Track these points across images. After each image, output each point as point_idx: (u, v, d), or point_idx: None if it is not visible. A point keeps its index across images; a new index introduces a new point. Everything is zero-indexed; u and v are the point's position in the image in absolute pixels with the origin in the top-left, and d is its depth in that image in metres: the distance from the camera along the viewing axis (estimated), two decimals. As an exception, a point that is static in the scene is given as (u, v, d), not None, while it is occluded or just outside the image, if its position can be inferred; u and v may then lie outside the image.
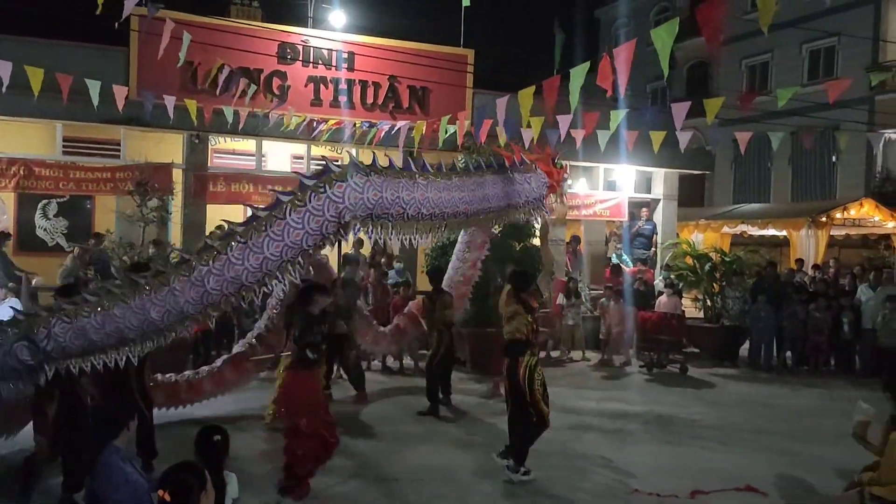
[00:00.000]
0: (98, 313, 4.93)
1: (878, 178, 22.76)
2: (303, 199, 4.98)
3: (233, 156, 15.95)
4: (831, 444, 7.96)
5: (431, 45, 15.88)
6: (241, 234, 4.94)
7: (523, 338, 6.72)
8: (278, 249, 4.88)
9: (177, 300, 4.90)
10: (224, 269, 4.92)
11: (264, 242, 4.89)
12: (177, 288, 4.90)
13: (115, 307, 4.92)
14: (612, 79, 6.73)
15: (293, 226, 4.90)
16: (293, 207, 4.91)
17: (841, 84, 8.53)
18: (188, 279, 4.91)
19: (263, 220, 4.93)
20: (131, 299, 4.91)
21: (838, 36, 23.68)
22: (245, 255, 4.89)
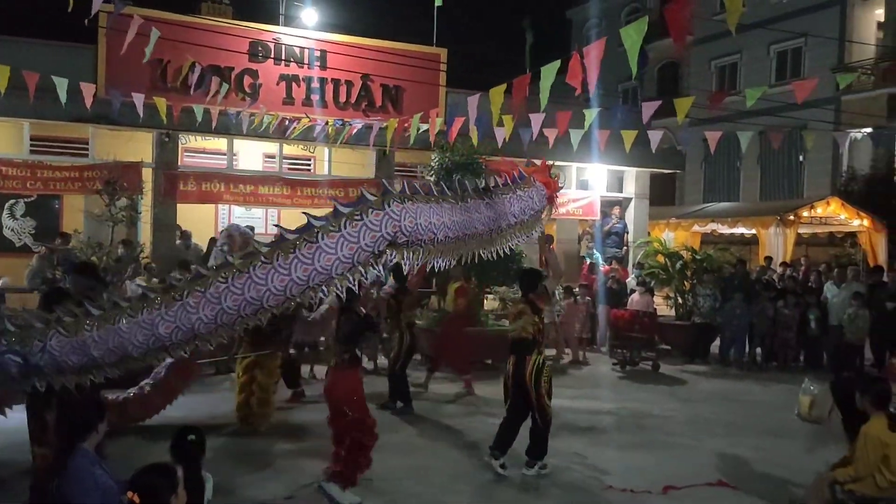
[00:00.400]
0: (101, 327, 4.67)
1: (843, 177, 23.12)
2: (336, 225, 4.76)
3: (203, 154, 15.80)
4: (801, 438, 8.07)
5: (404, 43, 15.87)
6: (267, 254, 4.70)
7: (530, 336, 6.80)
8: (306, 273, 4.67)
9: (189, 317, 4.65)
10: (245, 289, 4.66)
11: (292, 265, 4.66)
12: (190, 304, 4.64)
13: (121, 321, 4.66)
14: (582, 77, 6.76)
15: (325, 251, 4.68)
16: (325, 232, 4.75)
17: (808, 84, 8.64)
18: (203, 295, 4.65)
19: (292, 242, 4.75)
20: (139, 313, 4.66)
21: (805, 37, 24.03)
22: (269, 275, 4.66)
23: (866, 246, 17.90)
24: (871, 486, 5.12)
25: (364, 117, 14.58)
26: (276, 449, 7.43)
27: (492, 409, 9.29)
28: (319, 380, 10.10)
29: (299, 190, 15.20)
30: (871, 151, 22.68)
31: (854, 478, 5.15)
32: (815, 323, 12.85)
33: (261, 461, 7.03)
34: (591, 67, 6.65)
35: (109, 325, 4.66)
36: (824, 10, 24.64)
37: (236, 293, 4.64)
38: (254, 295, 4.66)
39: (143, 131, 13.90)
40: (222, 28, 14.28)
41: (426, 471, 6.91)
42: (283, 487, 6.32)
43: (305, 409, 9.04)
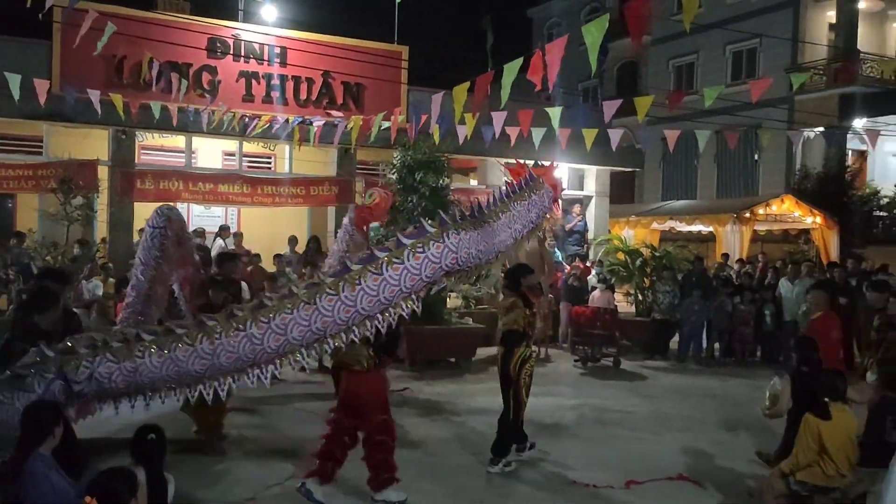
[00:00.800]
0: (155, 355, 4.57)
1: (797, 176, 23.61)
2: (400, 257, 4.81)
3: (161, 152, 15.59)
4: (758, 432, 8.23)
5: (365, 40, 15.80)
6: (331, 285, 4.72)
7: (520, 329, 6.96)
8: (370, 304, 4.73)
9: (254, 347, 4.64)
10: (311, 320, 4.67)
11: (358, 297, 4.70)
12: (256, 334, 4.62)
13: (176, 349, 4.58)
14: (542, 74, 6.82)
15: (390, 282, 4.73)
16: (390, 264, 4.77)
17: (763, 84, 8.83)
18: (269, 325, 4.64)
19: (357, 272, 4.76)
20: (197, 342, 4.59)
21: (760, 37, 24.49)
22: (335, 307, 4.69)
23: (819, 243, 18.31)
24: (820, 475, 5.25)
25: (325, 115, 14.50)
26: (241, 451, 7.35)
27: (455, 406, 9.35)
28: (282, 380, 10.00)
29: (260, 188, 15.05)
30: (823, 150, 23.22)
31: (797, 466, 5.25)
32: (770, 318, 13.10)
33: (225, 463, 6.95)
34: (552, 65, 6.71)
35: (164, 352, 4.57)
36: (778, 11, 25.14)
37: (302, 324, 4.65)
38: (319, 326, 4.68)
39: (99, 128, 13.65)
40: (180, 24, 14.06)
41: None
42: (246, 490, 6.25)
43: (272, 411, 8.95)
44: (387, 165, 13.40)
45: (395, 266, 4.76)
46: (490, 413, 8.86)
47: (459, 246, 4.94)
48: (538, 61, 6.85)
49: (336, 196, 15.68)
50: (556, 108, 9.06)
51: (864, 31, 25.04)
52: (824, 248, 18.02)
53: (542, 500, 6.34)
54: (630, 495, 6.46)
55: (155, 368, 4.54)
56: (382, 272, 4.74)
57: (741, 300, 13.23)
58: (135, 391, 4.61)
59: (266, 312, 4.66)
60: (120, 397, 4.63)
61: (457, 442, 7.88)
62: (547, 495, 6.42)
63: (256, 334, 4.61)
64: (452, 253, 4.90)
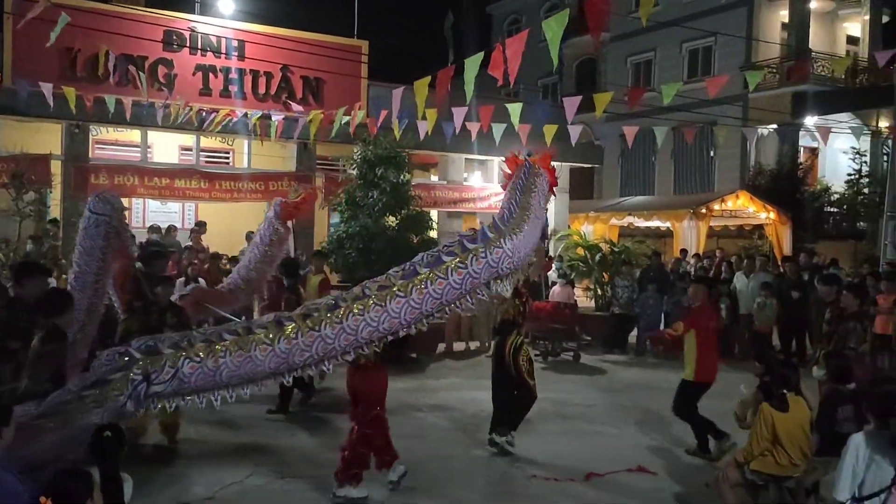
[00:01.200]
0: (236, 354, 4.61)
1: (751, 172, 24.03)
2: (464, 262, 4.93)
3: (116, 147, 15.29)
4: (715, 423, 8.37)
5: (325, 35, 15.69)
6: (401, 288, 4.84)
7: (510, 318, 7.38)
8: (433, 306, 4.90)
9: (326, 346, 4.75)
10: (380, 321, 4.80)
11: (425, 300, 4.86)
12: (329, 335, 4.72)
13: (256, 349, 4.64)
14: (503, 69, 6.86)
15: (453, 287, 4.89)
16: (455, 269, 4.89)
17: (719, 81, 8.98)
18: (341, 327, 4.75)
19: (426, 277, 4.88)
20: (276, 342, 4.66)
21: (715, 36, 24.88)
22: (403, 309, 4.83)
23: (773, 238, 18.68)
24: (773, 464, 5.36)
25: (285, 109, 14.37)
26: (199, 450, 7.26)
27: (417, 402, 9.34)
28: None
29: (218, 183, 14.86)
30: (776, 147, 23.69)
31: (751, 455, 5.35)
32: (726, 312, 13.33)
33: (183, 462, 6.87)
34: (512, 59, 6.76)
35: (244, 352, 4.62)
36: (733, 10, 25.54)
37: (372, 325, 4.78)
38: (386, 326, 4.83)
39: (52, 122, 13.34)
40: (135, 16, 13.82)
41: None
42: (205, 489, 6.19)
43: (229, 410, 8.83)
44: (347, 161, 13.35)
45: (460, 272, 4.92)
46: (451, 409, 8.93)
47: (515, 250, 5.09)
48: (499, 56, 6.88)
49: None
50: (516, 104, 9.10)
51: (815, 31, 25.61)
52: (777, 243, 18.39)
53: (503, 494, 6.38)
54: (590, 488, 6.54)
55: (234, 367, 4.60)
56: (448, 276, 4.90)
57: (697, 294, 13.43)
58: (210, 389, 4.66)
59: (339, 314, 4.78)
60: (190, 395, 4.65)
61: (419, 437, 7.88)
62: (508, 489, 6.47)
63: (329, 335, 4.74)
64: (509, 258, 5.06)
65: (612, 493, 6.45)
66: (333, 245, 12.16)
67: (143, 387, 4.40)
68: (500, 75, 6.94)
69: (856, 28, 27.41)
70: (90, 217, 7.04)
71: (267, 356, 4.62)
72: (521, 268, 5.29)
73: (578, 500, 6.27)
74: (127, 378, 4.41)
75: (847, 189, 22.68)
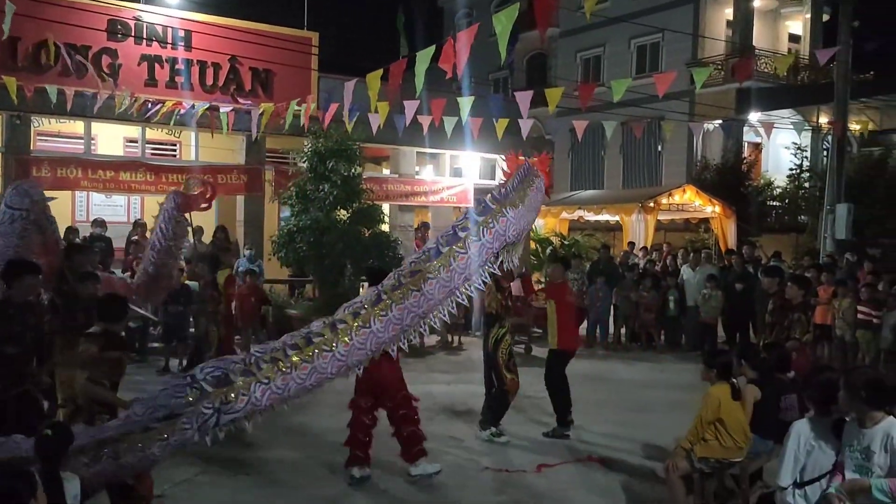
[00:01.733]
0: (301, 368, 4.56)
1: (697, 167, 24.50)
2: (477, 234, 4.99)
3: (58, 138, 14.88)
4: (662, 413, 8.55)
5: (274, 26, 15.49)
6: (431, 269, 4.87)
7: (493, 312, 7.73)
8: (460, 281, 4.96)
9: (377, 340, 4.77)
10: (419, 306, 4.85)
11: (453, 276, 4.91)
12: (379, 329, 4.76)
13: (318, 358, 4.61)
14: (454, 62, 6.89)
15: (473, 259, 4.95)
16: (471, 242, 4.95)
17: (668, 77, 9.11)
18: (388, 318, 4.79)
19: (449, 254, 4.91)
20: (334, 347, 4.66)
21: (662, 32, 25.26)
22: (436, 289, 4.89)
23: (718, 231, 19.07)
24: (718, 448, 5.44)
25: (234, 101, 14.15)
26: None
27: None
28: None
29: (164, 176, 14.57)
30: (721, 142, 24.19)
31: (696, 438, 5.45)
32: (673, 304, 13.60)
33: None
34: (461, 52, 6.78)
35: (309, 364, 4.58)
36: (679, 7, 25.95)
37: (414, 310, 4.84)
38: (425, 309, 4.89)
39: (-9, 113, 12.93)
40: (79, 4, 13.43)
41: (297, 464, 6.83)
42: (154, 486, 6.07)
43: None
44: (297, 153, 13.21)
45: (475, 244, 4.98)
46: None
47: (517, 218, 5.18)
48: (450, 50, 6.90)
49: (245, 185, 15.35)
50: (467, 98, 9.12)
51: (759, 29, 26.21)
52: (723, 237, 18.78)
53: (455, 486, 6.40)
54: (541, 479, 6.61)
55: (301, 380, 4.56)
56: (467, 250, 4.95)
57: (645, 287, 13.66)
58: (278, 405, 4.60)
59: (383, 306, 4.81)
60: (259, 414, 4.57)
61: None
62: (460, 481, 6.49)
63: (379, 329, 4.76)
64: (514, 226, 5.16)
65: (563, 483, 6.53)
66: (284, 239, 12.03)
67: (214, 419, 4.35)
68: (451, 69, 6.97)
69: (797, 26, 28.15)
70: (5, 212, 6.71)
71: (329, 362, 4.63)
72: (521, 239, 5.37)
73: (529, 490, 6.33)
74: (198, 412, 4.33)
75: (788, 183, 23.26)
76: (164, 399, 4.35)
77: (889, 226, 17.55)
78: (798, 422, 4.53)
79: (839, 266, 12.91)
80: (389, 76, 8.07)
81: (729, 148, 23.96)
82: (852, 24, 15.14)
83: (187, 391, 4.35)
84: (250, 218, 15.61)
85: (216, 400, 4.33)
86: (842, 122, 15.25)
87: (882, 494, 3.98)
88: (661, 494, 6.10)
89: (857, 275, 12.14)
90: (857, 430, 4.17)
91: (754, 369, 5.83)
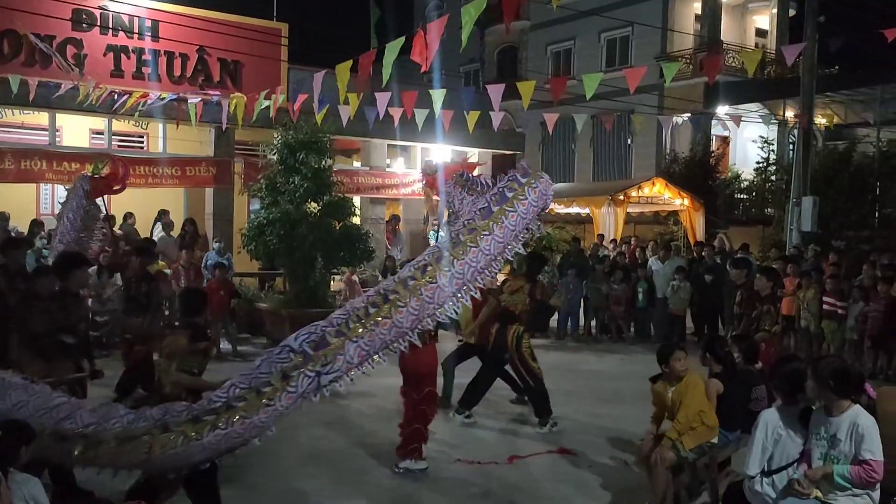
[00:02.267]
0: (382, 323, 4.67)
1: (667, 160, 24.71)
2: (513, 206, 5.00)
3: (22, 130, 14.59)
4: (632, 403, 8.61)
5: (242, 16, 15.30)
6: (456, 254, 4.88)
7: (516, 311, 7.87)
8: (497, 250, 4.98)
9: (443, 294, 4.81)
10: (465, 274, 4.88)
11: (491, 246, 4.93)
12: (445, 284, 4.81)
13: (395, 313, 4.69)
14: (425, 53, 6.87)
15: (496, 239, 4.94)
16: (497, 222, 4.95)
17: (639, 72, 9.17)
18: (451, 273, 4.84)
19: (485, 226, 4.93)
20: (409, 302, 4.71)
21: (632, 26, 25.41)
22: (491, 245, 4.93)
23: (686, 224, 19.26)
24: (705, 432, 5.42)
25: (201, 93, 13.97)
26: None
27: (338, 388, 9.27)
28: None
29: (131, 168, 14.27)
30: (690, 136, 24.42)
31: (684, 428, 5.43)
32: (642, 296, 13.71)
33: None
34: (432, 44, 6.77)
35: (388, 319, 4.67)
36: (649, 1, 26.13)
37: (473, 266, 4.87)
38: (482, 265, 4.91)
39: (-49, 103, 12.64)
40: (41, -8, 13.16)
41: (275, 456, 6.79)
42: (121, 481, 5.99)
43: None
44: (267, 145, 13.09)
45: (511, 215, 5.01)
46: (374, 396, 8.88)
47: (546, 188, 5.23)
48: (420, 41, 6.87)
49: (214, 177, 15.19)
50: (439, 91, 9.10)
51: (726, 23, 26.50)
52: (691, 229, 18.97)
53: (427, 479, 6.40)
54: (513, 470, 6.64)
55: (384, 335, 4.67)
56: (492, 231, 4.96)
57: (616, 279, 13.74)
58: (363, 363, 4.69)
59: (447, 262, 4.88)
60: (348, 373, 4.66)
61: (341, 424, 7.85)
62: (432, 473, 6.49)
63: (445, 283, 4.83)
64: (544, 196, 5.19)
65: (534, 474, 6.56)
66: (254, 232, 11.91)
67: (315, 382, 4.41)
68: (422, 60, 6.94)
69: (764, 21, 28.51)
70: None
71: (405, 316, 4.72)
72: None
73: (501, 482, 6.35)
74: (303, 375, 4.40)
75: (755, 176, 23.55)
76: (267, 367, 4.43)
77: (853, 218, 17.85)
78: (766, 411, 4.60)
79: (805, 258, 13.10)
80: (359, 67, 8.01)
81: (697, 141, 24.20)
82: (818, 20, 15.34)
83: (290, 357, 4.44)
84: (219, 210, 15.44)
85: (318, 363, 4.44)
86: (808, 116, 15.47)
87: (843, 480, 4.06)
88: (632, 483, 6.17)
89: (821, 266, 12.34)
90: (824, 418, 4.25)
91: (719, 362, 5.87)
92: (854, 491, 4.08)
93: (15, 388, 4.39)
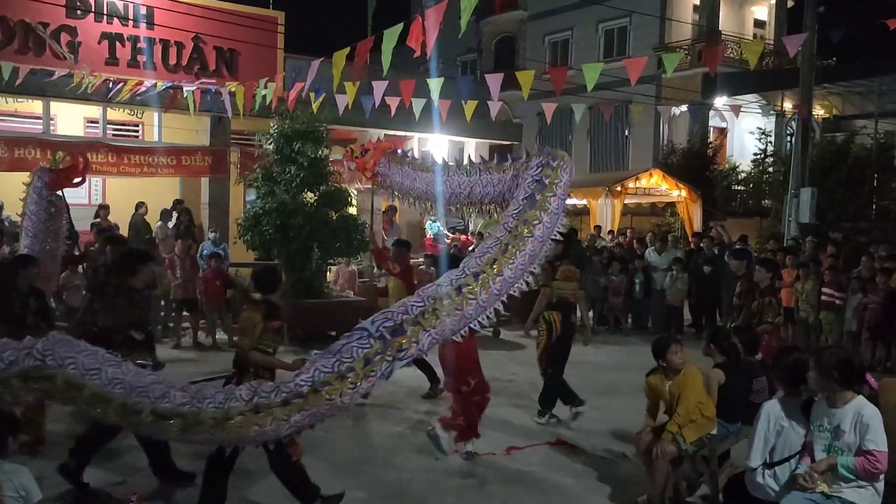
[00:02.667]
0: (454, 314, 4.73)
1: (664, 151, 24.65)
2: (553, 191, 5.09)
3: (15, 118, 14.47)
4: (630, 395, 8.55)
5: (239, 4, 15.19)
6: (536, 217, 5.01)
7: (572, 299, 8.03)
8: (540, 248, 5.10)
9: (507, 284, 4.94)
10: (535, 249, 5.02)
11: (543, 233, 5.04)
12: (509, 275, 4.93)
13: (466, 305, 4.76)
14: (422, 40, 6.80)
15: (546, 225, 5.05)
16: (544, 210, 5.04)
17: (639, 62, 9.05)
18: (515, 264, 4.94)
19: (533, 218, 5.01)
20: (479, 294, 4.81)
21: (630, 15, 25.30)
22: (545, 233, 5.05)
23: (684, 215, 19.22)
24: (705, 424, 5.37)
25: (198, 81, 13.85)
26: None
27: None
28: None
29: (126, 157, 14.25)
30: (687, 126, 24.37)
31: (684, 421, 5.39)
32: (639, 287, 13.67)
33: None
34: (430, 31, 6.70)
35: (459, 310, 4.73)
36: (647, -10, 26.04)
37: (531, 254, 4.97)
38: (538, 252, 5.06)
39: (-56, 91, 12.52)
40: (35, -21, 13.02)
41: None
42: (114, 473, 5.96)
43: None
44: (263, 135, 12.99)
45: (548, 212, 5.07)
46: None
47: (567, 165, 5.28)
48: (418, 28, 6.80)
49: (210, 167, 15.10)
50: (436, 80, 9.01)
51: (725, 13, 26.40)
52: (689, 220, 18.93)
53: (423, 469, 6.37)
54: (511, 461, 6.62)
55: (452, 326, 4.74)
56: (542, 219, 5.04)
57: (614, 271, 13.70)
58: (427, 349, 4.78)
59: (510, 254, 4.94)
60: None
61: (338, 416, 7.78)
62: (429, 465, 6.46)
63: (509, 275, 4.92)
64: (567, 175, 5.24)
65: (532, 465, 6.53)
66: (249, 222, 11.83)
67: (390, 367, 4.50)
68: (419, 47, 6.87)
69: (763, 12, 28.42)
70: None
71: (475, 309, 4.81)
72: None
73: (499, 473, 6.33)
74: (384, 359, 4.49)
75: (753, 168, 23.52)
76: (349, 352, 4.47)
77: (851, 209, 17.83)
78: (768, 402, 4.56)
79: (802, 249, 13.07)
80: (356, 55, 7.93)
81: (695, 132, 24.13)
82: (817, 10, 15.26)
83: (371, 342, 4.48)
84: (215, 200, 15.36)
85: (395, 349, 4.51)
86: (807, 107, 15.41)
87: (848, 472, 4.02)
88: (630, 475, 6.15)
89: (819, 258, 12.31)
90: (826, 409, 4.20)
91: (723, 354, 5.83)
92: (859, 483, 4.04)
93: (111, 364, 4.42)
